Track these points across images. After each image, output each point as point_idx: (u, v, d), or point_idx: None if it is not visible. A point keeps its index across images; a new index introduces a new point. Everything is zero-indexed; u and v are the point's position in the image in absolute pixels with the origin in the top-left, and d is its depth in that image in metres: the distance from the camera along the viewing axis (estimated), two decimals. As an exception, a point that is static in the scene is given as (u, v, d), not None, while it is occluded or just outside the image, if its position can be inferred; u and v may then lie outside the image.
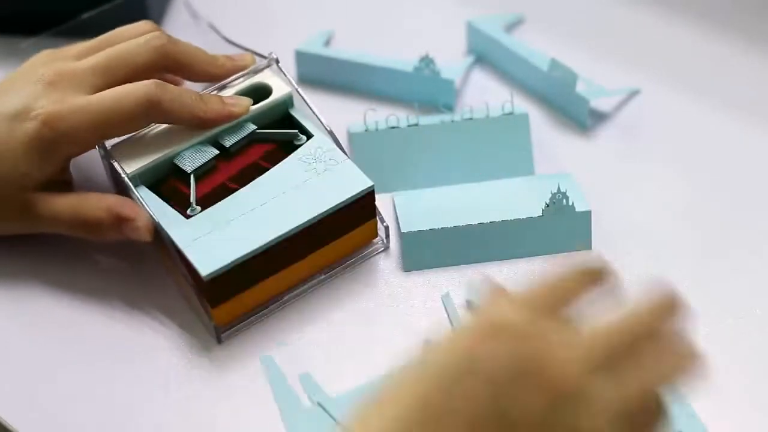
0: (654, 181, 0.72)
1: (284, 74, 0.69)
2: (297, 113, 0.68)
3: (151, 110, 0.63)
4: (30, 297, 0.66)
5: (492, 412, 0.43)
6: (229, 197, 0.64)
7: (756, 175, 0.72)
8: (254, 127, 0.67)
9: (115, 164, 0.64)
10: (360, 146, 0.71)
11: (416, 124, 0.72)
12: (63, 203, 0.64)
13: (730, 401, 0.59)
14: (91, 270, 0.67)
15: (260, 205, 0.63)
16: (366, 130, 0.71)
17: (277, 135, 0.67)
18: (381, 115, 0.71)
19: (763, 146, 0.73)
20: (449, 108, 0.74)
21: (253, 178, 0.65)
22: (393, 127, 0.71)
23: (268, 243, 0.62)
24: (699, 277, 0.65)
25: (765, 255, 0.67)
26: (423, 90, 0.76)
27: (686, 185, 0.72)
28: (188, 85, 0.70)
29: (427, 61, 0.75)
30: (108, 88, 0.64)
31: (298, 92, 0.68)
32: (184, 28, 0.81)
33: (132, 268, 0.67)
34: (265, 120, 0.67)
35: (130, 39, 0.66)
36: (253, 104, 0.67)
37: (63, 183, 0.66)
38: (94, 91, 0.64)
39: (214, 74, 0.68)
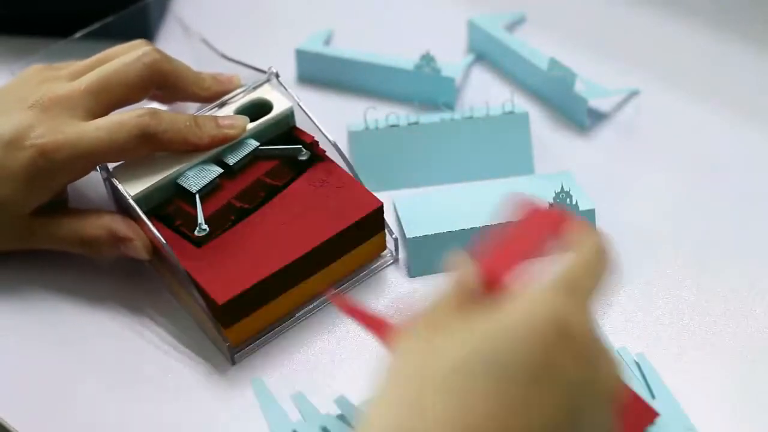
0: (652, 180, 0.72)
1: (285, 88, 0.68)
2: (300, 126, 0.68)
3: (145, 141, 0.63)
4: (37, 308, 0.65)
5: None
6: (238, 224, 0.64)
7: (755, 175, 0.72)
8: (257, 143, 0.66)
9: (119, 187, 0.63)
10: (360, 145, 0.71)
11: (416, 123, 0.72)
12: (61, 223, 0.64)
13: (729, 401, 0.59)
14: (95, 281, 0.66)
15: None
16: (366, 129, 0.71)
17: (280, 151, 0.67)
18: (381, 114, 0.71)
19: (763, 146, 0.73)
20: (449, 106, 0.74)
21: (258, 196, 0.65)
22: (393, 126, 0.72)
23: (280, 268, 0.61)
24: (699, 276, 0.65)
25: (765, 254, 0.67)
26: (423, 88, 0.76)
27: (684, 185, 0.72)
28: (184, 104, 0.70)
29: (427, 59, 0.75)
30: (103, 108, 0.64)
31: (299, 106, 0.68)
32: (181, 42, 0.81)
33: (137, 285, 0.66)
34: (267, 135, 0.67)
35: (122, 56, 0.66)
36: (255, 119, 0.67)
37: (58, 202, 0.65)
38: (89, 113, 0.64)
39: (201, 97, 0.68)
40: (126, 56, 0.66)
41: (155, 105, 0.69)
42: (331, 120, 0.68)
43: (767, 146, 0.74)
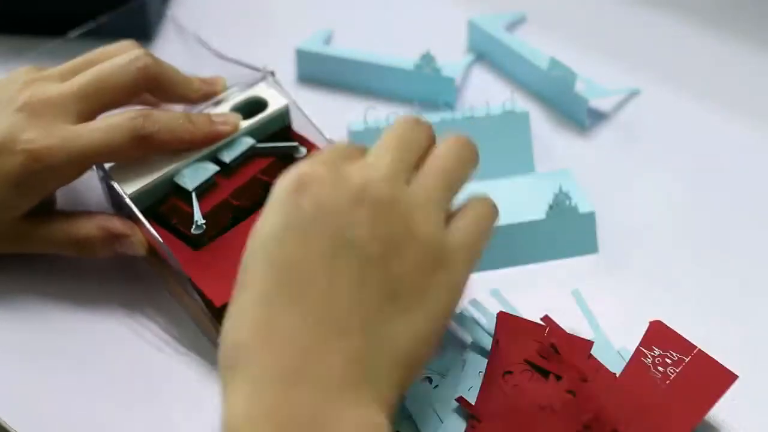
0: (652, 181, 0.72)
1: (280, 86, 0.69)
2: (297, 124, 0.68)
3: (139, 143, 0.62)
4: (32, 310, 0.65)
5: (341, 240, 0.50)
6: (236, 226, 0.64)
7: (755, 175, 0.72)
8: (253, 141, 0.66)
9: (116, 186, 0.63)
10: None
11: (416, 122, 0.72)
12: (53, 225, 0.64)
13: (729, 401, 0.59)
14: (90, 282, 0.66)
15: None
16: (366, 128, 0.71)
17: (277, 149, 0.66)
18: (381, 113, 0.71)
19: (763, 146, 0.74)
20: (450, 106, 0.75)
21: (256, 194, 0.64)
22: (393, 125, 0.72)
23: None
24: (699, 276, 0.65)
25: (765, 254, 0.67)
26: (423, 88, 0.76)
27: (685, 185, 0.72)
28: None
29: (427, 58, 0.75)
30: (93, 111, 0.64)
31: (295, 104, 0.68)
32: (178, 42, 0.81)
33: (132, 285, 0.66)
34: (263, 133, 0.67)
35: (113, 58, 0.65)
36: (250, 117, 0.67)
37: (46, 204, 0.65)
38: (79, 117, 0.63)
39: (190, 99, 0.68)
40: (118, 59, 0.65)
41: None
42: (331, 120, 0.68)
43: (767, 146, 0.74)
